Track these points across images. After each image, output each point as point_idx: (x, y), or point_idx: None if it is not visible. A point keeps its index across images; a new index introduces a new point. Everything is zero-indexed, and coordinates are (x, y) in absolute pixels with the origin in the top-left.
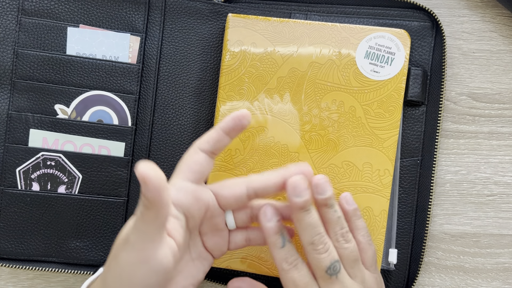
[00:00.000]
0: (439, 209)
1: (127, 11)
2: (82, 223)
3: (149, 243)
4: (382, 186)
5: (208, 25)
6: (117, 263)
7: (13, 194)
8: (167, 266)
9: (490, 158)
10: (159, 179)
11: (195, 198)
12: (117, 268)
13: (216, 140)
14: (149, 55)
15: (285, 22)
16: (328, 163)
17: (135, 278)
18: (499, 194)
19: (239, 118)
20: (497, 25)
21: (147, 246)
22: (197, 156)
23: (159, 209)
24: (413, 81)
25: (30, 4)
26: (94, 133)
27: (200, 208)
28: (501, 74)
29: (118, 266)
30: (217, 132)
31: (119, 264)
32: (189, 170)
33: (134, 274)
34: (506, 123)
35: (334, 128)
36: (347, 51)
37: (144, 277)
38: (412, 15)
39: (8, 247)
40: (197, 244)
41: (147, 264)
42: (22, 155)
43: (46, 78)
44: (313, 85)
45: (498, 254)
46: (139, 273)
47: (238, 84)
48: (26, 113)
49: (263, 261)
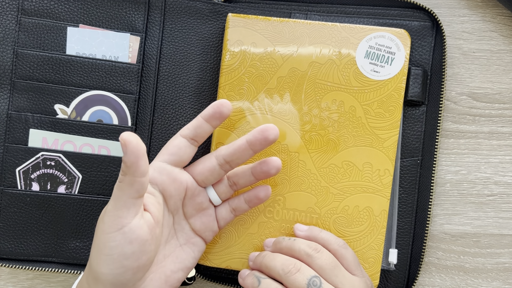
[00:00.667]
0: (439, 209)
1: (127, 11)
2: (82, 223)
3: (123, 211)
4: (382, 186)
5: (208, 25)
6: (95, 235)
7: (13, 194)
8: (141, 236)
9: (490, 158)
10: (138, 145)
11: (171, 178)
12: (96, 239)
13: (195, 126)
14: (149, 55)
15: (285, 22)
16: (328, 163)
17: (111, 247)
18: (500, 194)
19: (217, 105)
20: (497, 25)
21: (121, 213)
22: (176, 140)
23: (135, 175)
24: (413, 81)
25: (30, 4)
26: (94, 133)
27: (177, 188)
28: (501, 74)
29: (96, 238)
30: (197, 119)
31: (97, 235)
32: (167, 152)
33: (109, 243)
34: (506, 123)
35: (334, 128)
36: (347, 51)
37: (118, 245)
38: (412, 15)
39: (8, 247)
40: (184, 228)
41: (121, 232)
42: (22, 155)
43: (46, 78)
44: (313, 85)
45: (498, 254)
46: (114, 241)
47: (238, 84)
48: (26, 113)
49: None
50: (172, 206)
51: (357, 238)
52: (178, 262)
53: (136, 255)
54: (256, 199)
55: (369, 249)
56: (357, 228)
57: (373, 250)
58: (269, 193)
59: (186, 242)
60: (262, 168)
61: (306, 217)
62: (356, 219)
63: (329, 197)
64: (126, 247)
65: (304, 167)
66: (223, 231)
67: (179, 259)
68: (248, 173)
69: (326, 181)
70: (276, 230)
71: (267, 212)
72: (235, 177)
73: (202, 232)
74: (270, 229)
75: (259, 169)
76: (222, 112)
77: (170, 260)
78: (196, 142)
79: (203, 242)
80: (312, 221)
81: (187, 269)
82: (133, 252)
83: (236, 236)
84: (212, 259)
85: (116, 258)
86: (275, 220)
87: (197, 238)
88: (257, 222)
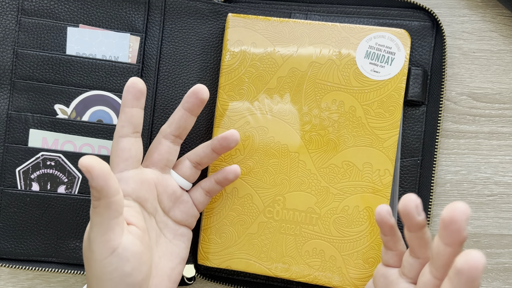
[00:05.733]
0: (439, 209)
1: (127, 11)
2: (82, 223)
3: (110, 234)
4: (382, 186)
5: (208, 25)
6: (89, 265)
7: (13, 194)
8: (136, 251)
9: (491, 158)
10: (102, 167)
11: (138, 183)
12: (90, 270)
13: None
14: (149, 55)
15: (285, 22)
16: (328, 163)
17: (110, 272)
18: (500, 194)
19: (130, 85)
20: (497, 25)
21: (108, 237)
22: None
23: (109, 196)
24: (413, 81)
25: (29, 4)
26: (94, 133)
27: (148, 189)
28: (501, 74)
29: (90, 268)
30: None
31: (90, 265)
32: (120, 160)
33: (107, 269)
34: (506, 123)
35: (334, 128)
36: (347, 51)
37: (117, 268)
38: (412, 15)
39: (8, 247)
40: (168, 223)
41: (114, 254)
42: (22, 155)
43: (46, 78)
44: (313, 85)
45: (498, 254)
46: (111, 266)
47: (238, 84)
48: (26, 113)
49: (263, 261)
50: (150, 208)
51: (357, 238)
52: (174, 258)
53: (137, 269)
54: (226, 180)
55: (369, 249)
56: (357, 228)
57: (373, 250)
58: (238, 173)
59: (174, 236)
60: (222, 144)
61: (306, 217)
62: (356, 219)
63: (329, 197)
64: (125, 267)
65: (304, 167)
66: (223, 231)
67: (174, 255)
68: (209, 151)
69: (326, 181)
70: (276, 230)
71: (267, 212)
72: (197, 158)
73: (185, 221)
74: (270, 229)
75: (219, 145)
76: (140, 89)
77: (165, 259)
78: (138, 133)
79: (188, 229)
80: (312, 221)
81: (183, 260)
82: (133, 268)
83: (236, 236)
84: (212, 259)
85: (118, 280)
86: (275, 220)
87: (182, 228)
88: (257, 222)
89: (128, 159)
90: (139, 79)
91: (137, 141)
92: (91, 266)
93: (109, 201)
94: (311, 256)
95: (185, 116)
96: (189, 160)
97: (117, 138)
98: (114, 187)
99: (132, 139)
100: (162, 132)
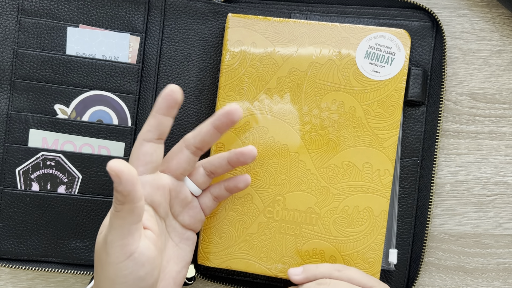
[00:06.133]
0: (439, 209)
1: (127, 11)
2: (82, 223)
3: (129, 239)
4: (382, 186)
5: (208, 25)
6: (102, 267)
7: (13, 194)
8: (151, 256)
9: (490, 158)
10: (131, 172)
11: (154, 188)
12: (104, 272)
13: (156, 125)
14: (149, 55)
15: (285, 22)
16: (328, 163)
17: (125, 276)
18: (499, 194)
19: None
20: (497, 25)
21: (127, 241)
22: (143, 147)
23: (135, 202)
24: (413, 81)
25: (29, 4)
26: (94, 133)
27: (163, 195)
28: (501, 74)
29: (104, 271)
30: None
31: (104, 268)
32: (140, 164)
33: (122, 272)
34: (506, 123)
35: (334, 128)
36: (347, 51)
37: (132, 272)
38: (412, 15)
39: (8, 247)
40: (176, 227)
41: (131, 258)
42: (22, 155)
43: (46, 78)
44: (313, 85)
45: (498, 254)
46: (126, 270)
47: (238, 84)
48: (26, 113)
49: (263, 261)
50: (162, 212)
51: (357, 238)
52: (180, 261)
53: (150, 274)
54: (236, 189)
55: (369, 249)
56: (357, 228)
57: (373, 250)
58: (248, 182)
59: (180, 239)
60: (239, 159)
61: (306, 217)
62: (356, 219)
63: (329, 197)
64: (140, 271)
65: (304, 167)
66: (223, 231)
67: (180, 258)
68: (224, 163)
69: (326, 181)
70: (276, 230)
71: (267, 212)
72: (212, 167)
73: (192, 225)
74: (270, 229)
75: (236, 159)
76: (176, 99)
77: (172, 262)
78: (162, 139)
79: (193, 233)
80: (312, 221)
81: (187, 264)
82: (146, 273)
83: (236, 236)
84: (212, 259)
85: (132, 283)
86: (275, 220)
87: (188, 232)
88: (257, 222)
89: (148, 164)
90: (178, 88)
91: (159, 147)
92: (105, 268)
93: (133, 207)
94: (311, 256)
95: (212, 132)
96: (204, 168)
97: (140, 141)
98: (140, 193)
99: (155, 145)
100: (185, 141)
